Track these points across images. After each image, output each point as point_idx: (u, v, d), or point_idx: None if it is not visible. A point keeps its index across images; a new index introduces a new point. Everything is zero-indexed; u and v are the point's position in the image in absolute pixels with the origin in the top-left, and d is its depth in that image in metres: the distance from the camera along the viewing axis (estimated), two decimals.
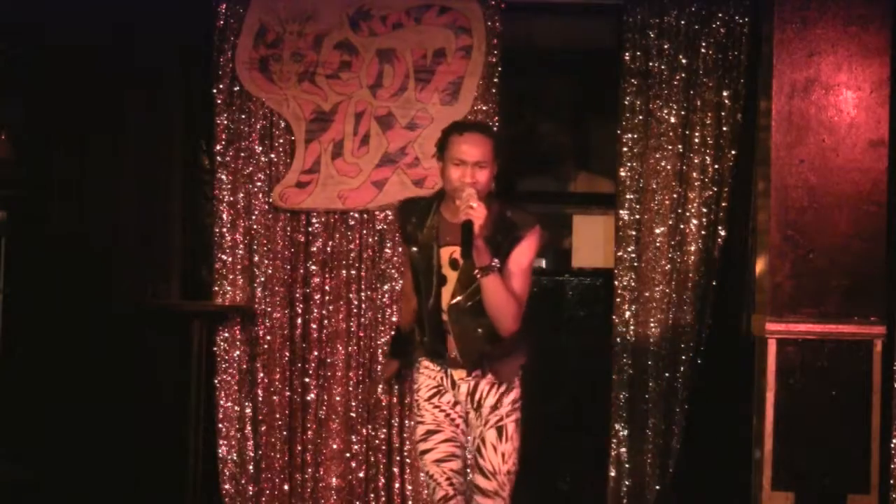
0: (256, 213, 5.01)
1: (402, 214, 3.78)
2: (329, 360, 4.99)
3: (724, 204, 4.93)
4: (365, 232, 5.01)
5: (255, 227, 5.01)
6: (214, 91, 4.98)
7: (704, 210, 4.93)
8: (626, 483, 4.95)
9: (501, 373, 3.68)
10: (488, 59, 4.92)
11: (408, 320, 3.91)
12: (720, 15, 4.92)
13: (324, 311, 5.01)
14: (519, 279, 3.59)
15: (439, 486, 3.67)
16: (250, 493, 4.97)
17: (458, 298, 3.61)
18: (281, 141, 5.01)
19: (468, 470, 3.74)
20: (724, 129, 4.93)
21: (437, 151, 3.65)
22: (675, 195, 4.94)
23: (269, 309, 4.99)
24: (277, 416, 4.99)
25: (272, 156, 5.01)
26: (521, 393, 3.74)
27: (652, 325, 4.94)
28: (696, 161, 4.94)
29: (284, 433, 4.99)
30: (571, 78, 5.80)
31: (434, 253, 3.64)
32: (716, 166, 4.93)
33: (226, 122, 5.00)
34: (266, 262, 5.01)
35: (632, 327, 4.96)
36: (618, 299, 4.97)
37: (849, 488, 4.54)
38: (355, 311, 5.01)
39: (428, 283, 3.65)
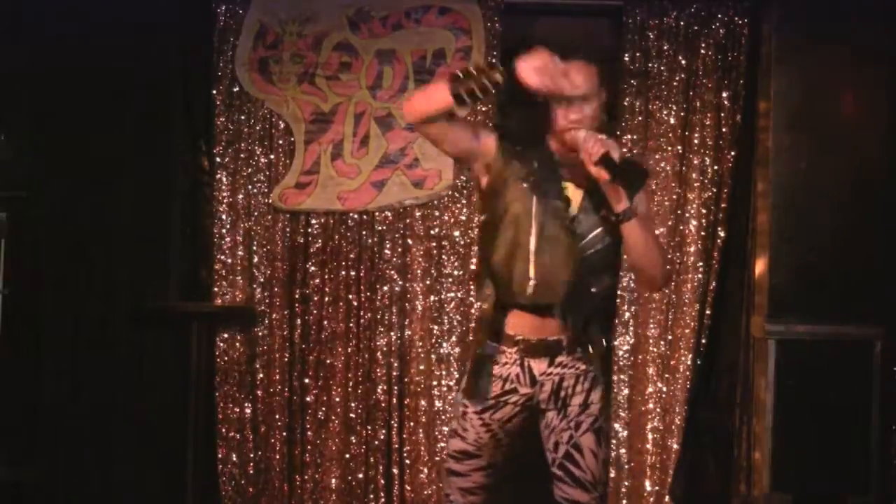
0: (256, 214, 5.00)
1: (504, 143, 3.00)
2: (328, 361, 4.99)
3: (723, 205, 4.93)
4: (364, 233, 5.01)
5: (254, 228, 5.00)
6: (214, 92, 4.98)
7: (704, 211, 4.93)
8: (626, 483, 4.95)
9: (598, 346, 3.04)
10: (488, 60, 4.92)
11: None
12: (720, 16, 4.92)
13: (323, 312, 5.00)
14: (652, 221, 3.02)
15: None
16: (250, 494, 4.97)
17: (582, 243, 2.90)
18: (280, 142, 5.00)
19: (554, 480, 3.06)
20: (724, 130, 4.93)
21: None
22: (674, 196, 4.94)
23: (268, 310, 4.99)
24: (277, 417, 4.98)
25: (271, 157, 5.00)
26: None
27: (651, 325, 4.94)
28: (695, 162, 4.94)
29: (284, 434, 4.98)
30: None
31: (559, 190, 2.89)
32: (715, 167, 4.93)
33: (225, 123, 4.99)
34: (265, 262, 5.00)
35: (631, 328, 4.96)
36: (617, 300, 4.96)
37: (848, 489, 4.54)
38: (355, 311, 5.00)
39: (550, 232, 2.88)
